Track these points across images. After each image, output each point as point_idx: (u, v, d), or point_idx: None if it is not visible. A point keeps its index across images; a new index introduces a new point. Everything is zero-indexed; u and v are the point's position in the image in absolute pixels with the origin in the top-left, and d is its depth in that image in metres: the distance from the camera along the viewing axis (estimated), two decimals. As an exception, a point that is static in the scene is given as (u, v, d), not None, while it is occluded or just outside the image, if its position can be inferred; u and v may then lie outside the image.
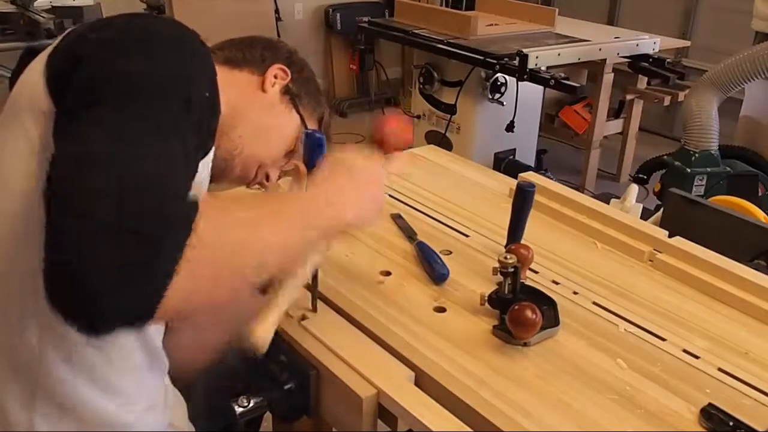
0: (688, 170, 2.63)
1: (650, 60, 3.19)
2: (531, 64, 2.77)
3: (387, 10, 4.27)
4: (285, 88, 1.01)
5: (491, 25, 3.33)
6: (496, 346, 0.95)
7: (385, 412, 0.85)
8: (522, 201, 1.15)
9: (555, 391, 0.86)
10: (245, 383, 1.00)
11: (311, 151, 0.94)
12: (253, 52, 1.00)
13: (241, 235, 0.64)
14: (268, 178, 1.03)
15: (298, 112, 1.02)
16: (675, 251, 1.18)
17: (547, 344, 0.95)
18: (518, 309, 0.92)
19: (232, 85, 0.95)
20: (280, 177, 1.05)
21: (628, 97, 3.61)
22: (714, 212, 1.37)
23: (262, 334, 0.80)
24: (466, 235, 1.25)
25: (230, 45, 1.02)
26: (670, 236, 1.22)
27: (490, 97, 3.13)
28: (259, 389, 0.95)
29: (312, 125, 1.04)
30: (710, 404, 0.84)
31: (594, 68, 3.32)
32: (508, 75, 2.97)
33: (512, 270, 0.97)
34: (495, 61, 2.84)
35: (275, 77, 1.00)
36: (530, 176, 1.44)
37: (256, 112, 0.98)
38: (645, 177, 2.95)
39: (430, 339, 0.94)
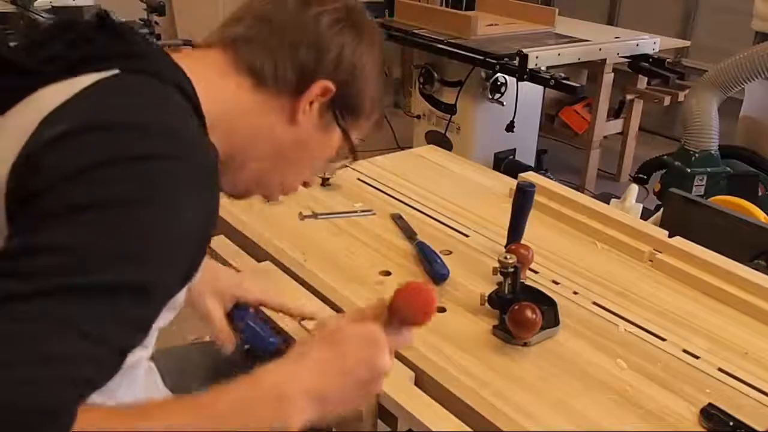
0: (688, 170, 2.62)
1: (650, 60, 3.19)
2: (531, 64, 2.76)
3: (387, 10, 4.27)
4: (327, 104, 0.79)
5: (491, 25, 3.33)
6: (496, 346, 0.95)
7: (385, 412, 0.85)
8: (522, 201, 1.15)
9: (555, 391, 0.86)
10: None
11: None
12: (290, 64, 0.75)
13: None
14: (306, 184, 0.89)
15: (342, 128, 0.82)
16: (675, 251, 1.18)
17: (547, 344, 0.95)
18: (518, 309, 0.92)
19: (250, 113, 0.76)
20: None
21: (628, 97, 3.61)
22: (714, 212, 1.37)
23: None
24: (466, 235, 1.25)
25: (260, 38, 0.76)
26: (670, 236, 1.22)
27: (490, 97, 3.12)
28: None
29: (358, 134, 0.86)
30: (710, 404, 0.84)
31: (594, 68, 3.32)
32: (508, 75, 2.97)
33: (512, 270, 0.97)
34: (495, 61, 2.84)
35: (311, 103, 0.77)
36: (530, 176, 1.44)
37: (279, 148, 0.80)
38: (645, 177, 2.94)
39: (430, 339, 0.94)
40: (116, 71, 0.65)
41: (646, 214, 1.64)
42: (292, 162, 0.82)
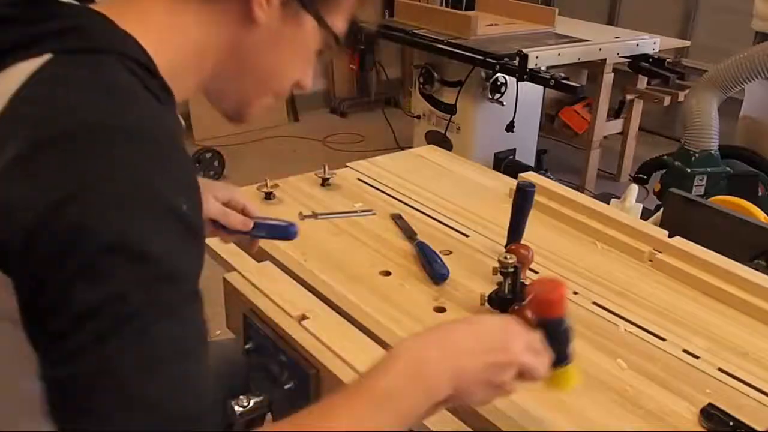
0: (688, 170, 2.62)
1: (650, 60, 3.19)
2: (531, 64, 2.77)
3: (387, 10, 4.27)
4: None
5: (491, 25, 3.33)
6: (496, 346, 0.94)
7: (385, 412, 0.85)
8: (522, 201, 1.15)
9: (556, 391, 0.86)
10: (245, 383, 1.00)
11: None
12: None
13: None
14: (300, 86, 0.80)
15: (313, 14, 0.71)
16: (675, 251, 1.18)
17: (547, 344, 0.95)
18: (518, 309, 0.92)
19: (205, 35, 0.68)
20: None
21: (628, 97, 3.61)
22: (714, 212, 1.37)
23: None
24: (466, 235, 1.25)
25: None
26: (670, 236, 1.22)
27: (490, 97, 3.13)
28: (259, 389, 0.95)
29: (341, 22, 0.75)
30: (710, 404, 0.84)
31: (594, 68, 3.32)
32: (508, 75, 2.97)
33: (512, 270, 0.97)
34: (495, 61, 2.84)
35: None
36: (530, 176, 1.44)
37: (249, 58, 0.71)
38: (645, 177, 2.94)
39: (430, 339, 0.94)
40: (49, 56, 0.57)
41: (646, 214, 1.64)
42: (272, 67, 0.74)
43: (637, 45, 3.19)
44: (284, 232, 1.03)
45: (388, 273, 1.11)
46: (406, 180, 1.46)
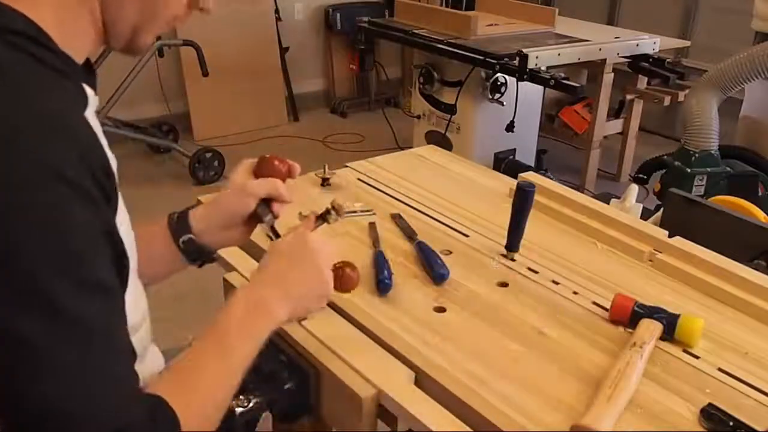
0: (688, 170, 2.62)
1: (650, 60, 3.19)
2: (531, 64, 2.77)
3: (387, 10, 4.28)
4: None
5: (491, 25, 3.33)
6: (496, 346, 0.95)
7: (385, 412, 0.85)
8: (522, 201, 1.14)
9: (556, 392, 0.86)
10: (245, 383, 1.00)
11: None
12: None
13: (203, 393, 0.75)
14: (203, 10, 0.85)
15: None
16: (675, 251, 1.18)
17: (548, 345, 0.95)
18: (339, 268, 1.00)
19: None
20: None
21: (628, 97, 3.61)
22: (714, 212, 1.37)
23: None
24: (466, 235, 1.25)
25: None
26: (670, 236, 1.22)
27: (490, 97, 3.13)
28: (259, 389, 0.95)
29: None
30: (710, 404, 0.84)
31: (594, 68, 3.32)
32: (508, 75, 2.97)
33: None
34: (495, 61, 2.84)
35: None
36: (530, 176, 1.45)
37: None
38: (645, 177, 2.94)
39: (430, 339, 0.94)
40: None
41: (646, 214, 1.64)
42: None
43: (637, 45, 3.19)
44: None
45: (388, 273, 1.11)
46: (406, 180, 1.46)
